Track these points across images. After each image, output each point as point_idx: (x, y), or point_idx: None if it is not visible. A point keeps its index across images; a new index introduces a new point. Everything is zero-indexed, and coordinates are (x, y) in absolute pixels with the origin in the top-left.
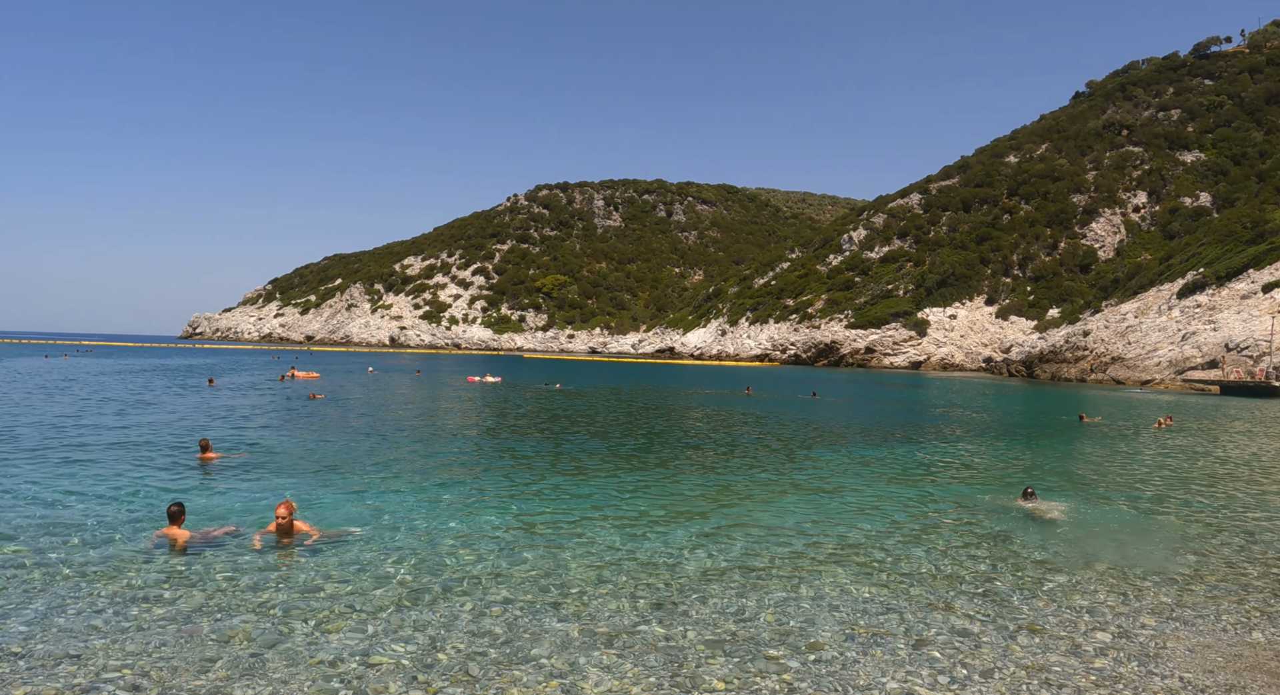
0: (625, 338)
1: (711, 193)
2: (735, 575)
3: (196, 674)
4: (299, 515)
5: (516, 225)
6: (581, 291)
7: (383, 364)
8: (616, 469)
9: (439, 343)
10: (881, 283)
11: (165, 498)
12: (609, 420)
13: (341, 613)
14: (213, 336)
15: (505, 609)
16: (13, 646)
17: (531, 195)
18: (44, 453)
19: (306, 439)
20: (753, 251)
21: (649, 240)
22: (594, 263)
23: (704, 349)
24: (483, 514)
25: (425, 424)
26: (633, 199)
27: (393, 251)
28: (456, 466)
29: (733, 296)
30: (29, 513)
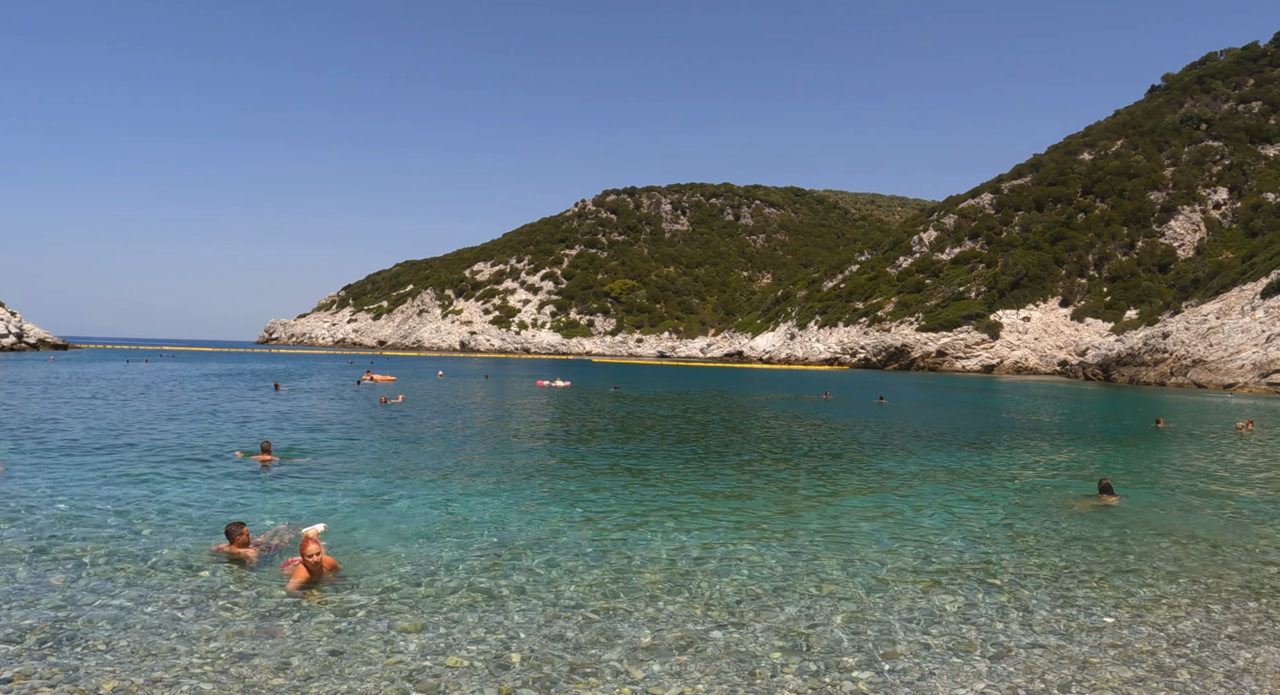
0: (693, 342)
1: (779, 195)
2: (807, 581)
3: (275, 672)
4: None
5: (584, 230)
6: (650, 296)
7: (452, 368)
8: (686, 474)
9: (508, 347)
10: (953, 285)
11: (232, 499)
12: (678, 425)
13: (416, 614)
14: (288, 341)
15: (576, 613)
16: (98, 642)
17: (599, 200)
18: (121, 453)
19: (376, 442)
20: (821, 254)
21: (716, 244)
22: (662, 267)
23: (772, 353)
24: (552, 517)
25: (496, 428)
26: (700, 203)
27: (463, 257)
28: (526, 470)
29: (801, 300)
30: (110, 513)
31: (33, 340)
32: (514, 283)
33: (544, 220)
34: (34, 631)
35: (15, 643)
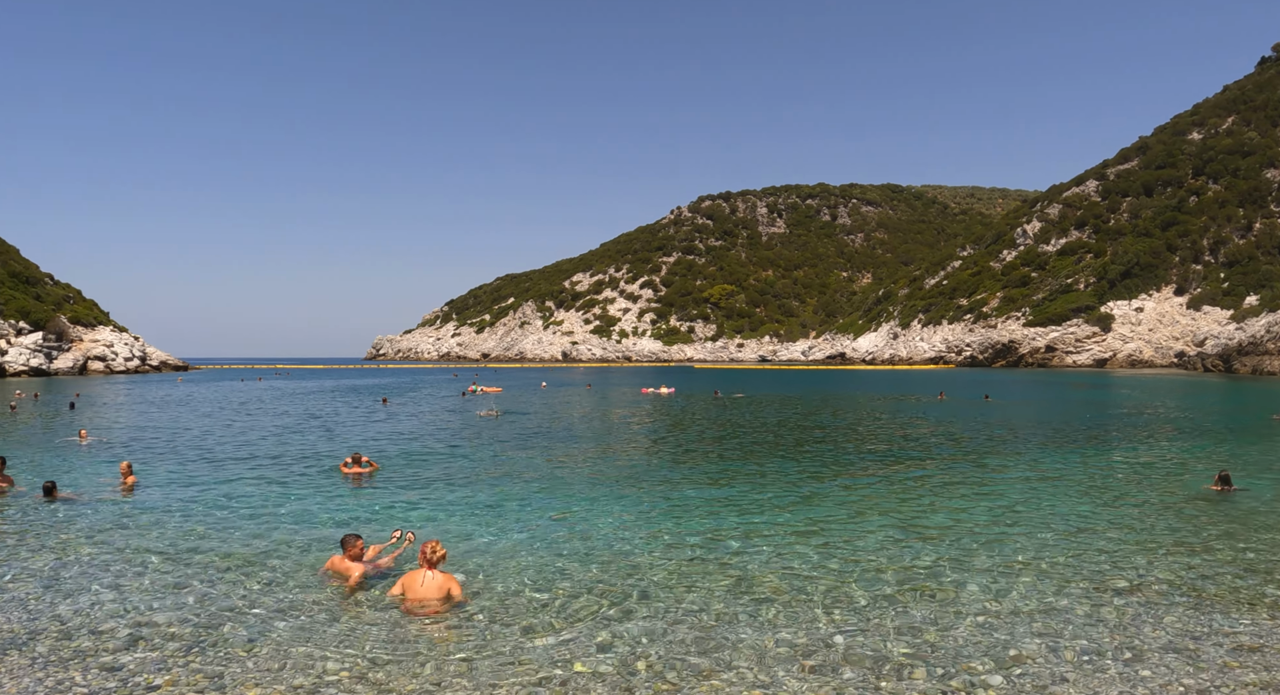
0: (795, 345)
1: (876, 193)
2: (930, 584)
3: (409, 678)
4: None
5: (681, 237)
6: (749, 300)
7: (555, 379)
8: (798, 477)
9: (610, 356)
10: (1060, 277)
11: (343, 509)
12: (785, 428)
13: (542, 620)
14: (395, 357)
15: (700, 618)
16: (239, 649)
17: (694, 206)
18: (248, 466)
19: (485, 452)
20: (922, 251)
21: (814, 245)
22: (760, 271)
23: (875, 353)
24: (668, 523)
25: (603, 436)
26: (796, 204)
27: (561, 269)
28: (635, 477)
29: (903, 298)
30: (242, 523)
31: (155, 363)
32: (613, 292)
33: (641, 228)
34: (177, 639)
35: (159, 650)
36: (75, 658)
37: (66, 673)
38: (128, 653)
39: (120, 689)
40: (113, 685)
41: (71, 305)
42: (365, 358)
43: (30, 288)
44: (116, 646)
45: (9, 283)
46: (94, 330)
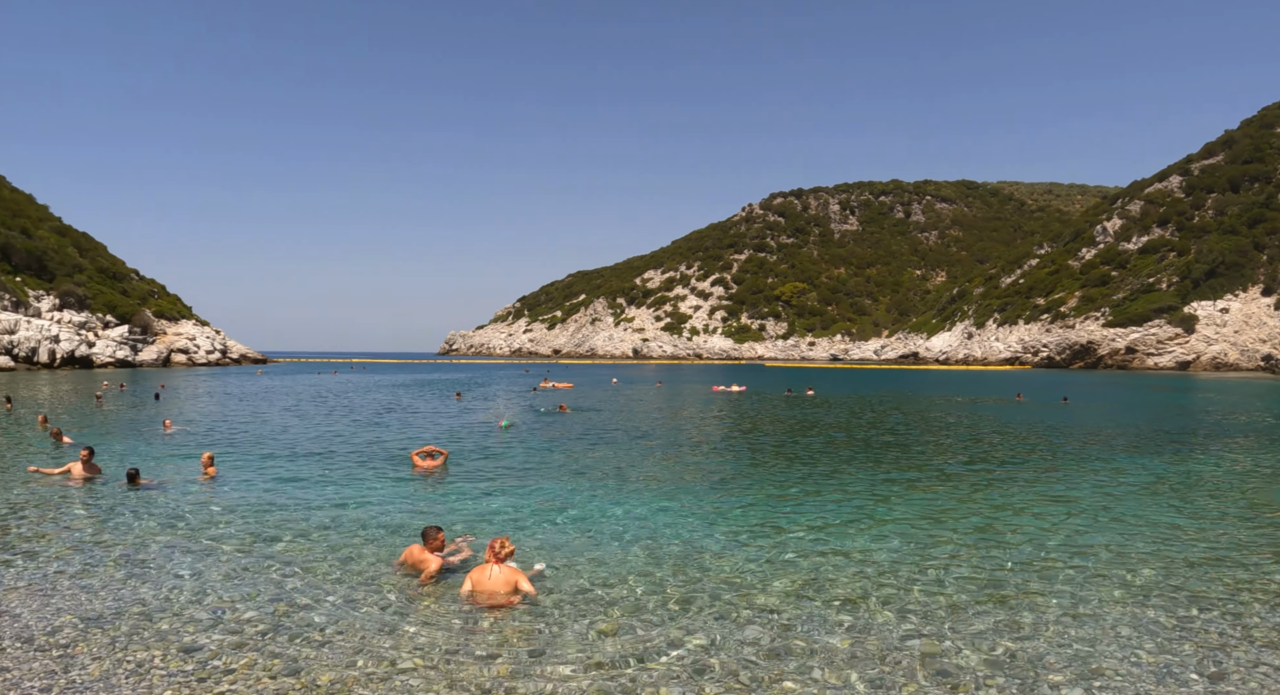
0: (867, 344)
1: (950, 190)
2: (1007, 591)
3: (480, 670)
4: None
5: (753, 234)
6: (821, 298)
7: (626, 376)
8: (871, 478)
9: (680, 353)
10: (1141, 276)
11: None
12: (857, 428)
13: (612, 617)
14: (467, 352)
15: (771, 619)
16: (315, 636)
17: (766, 203)
18: (325, 458)
19: (556, 448)
20: (998, 249)
21: (887, 243)
22: (832, 268)
23: (949, 353)
24: (740, 522)
25: (673, 433)
26: (869, 201)
27: (633, 266)
28: (706, 475)
29: (978, 297)
30: (318, 513)
31: (235, 356)
32: (684, 289)
33: (712, 226)
34: (254, 624)
35: (238, 633)
36: (155, 639)
37: (146, 653)
38: (206, 635)
39: (198, 671)
40: (190, 667)
41: (156, 300)
42: (438, 353)
43: (117, 283)
44: (195, 629)
45: (98, 278)
46: (177, 324)
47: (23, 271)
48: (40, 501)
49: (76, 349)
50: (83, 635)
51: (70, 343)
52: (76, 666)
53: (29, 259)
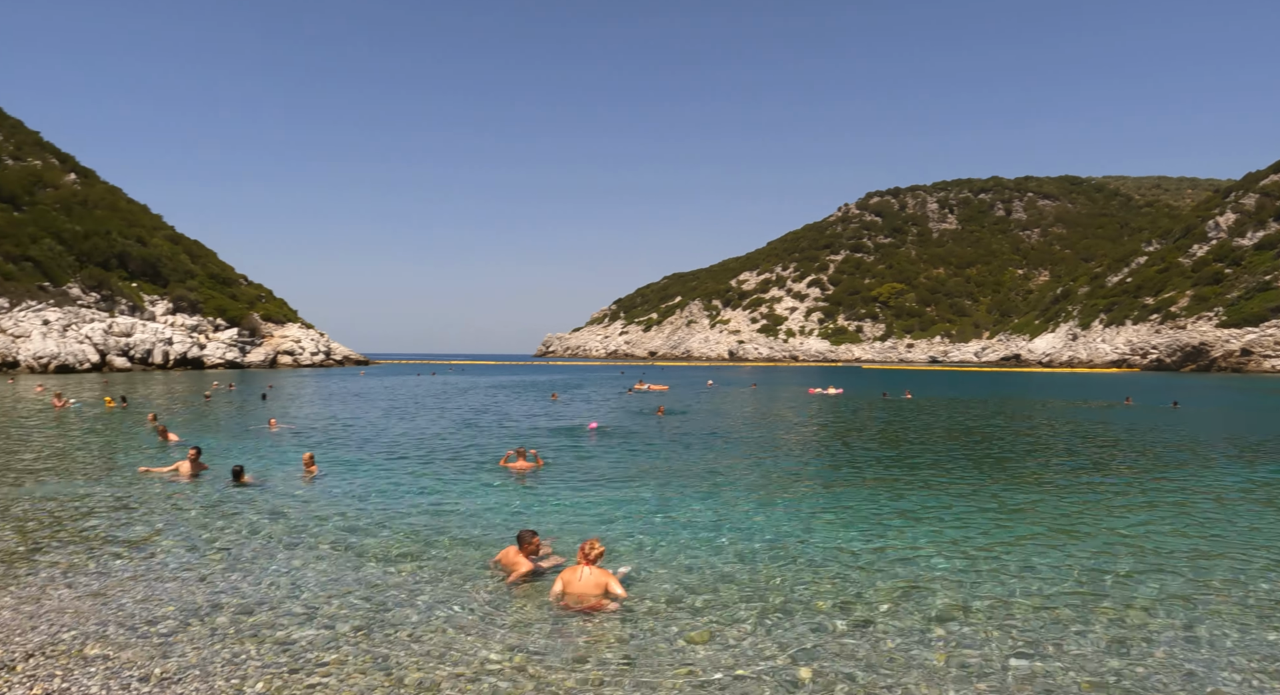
0: (967, 346)
1: (1053, 186)
2: (1115, 608)
3: (569, 674)
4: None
5: (849, 235)
6: (919, 299)
7: (722, 377)
8: (972, 485)
9: (776, 355)
10: (1257, 273)
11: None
12: (957, 433)
13: (705, 624)
14: (563, 354)
15: (867, 630)
16: (405, 634)
17: (862, 203)
18: (422, 457)
19: (651, 450)
20: (1103, 246)
21: (988, 241)
22: (931, 269)
23: (1053, 356)
24: (834, 530)
25: (769, 436)
26: (968, 199)
27: (728, 267)
28: (801, 479)
29: (1083, 297)
30: (414, 513)
31: (338, 357)
32: (780, 290)
33: (808, 226)
34: (346, 620)
35: (330, 628)
36: (251, 631)
37: (243, 645)
38: (300, 630)
39: (291, 663)
40: (284, 660)
41: (263, 304)
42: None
43: (227, 288)
44: (290, 623)
45: (209, 283)
46: (283, 327)
47: (139, 278)
48: (148, 496)
49: (188, 351)
50: (182, 625)
51: (183, 345)
52: (175, 655)
53: (144, 266)
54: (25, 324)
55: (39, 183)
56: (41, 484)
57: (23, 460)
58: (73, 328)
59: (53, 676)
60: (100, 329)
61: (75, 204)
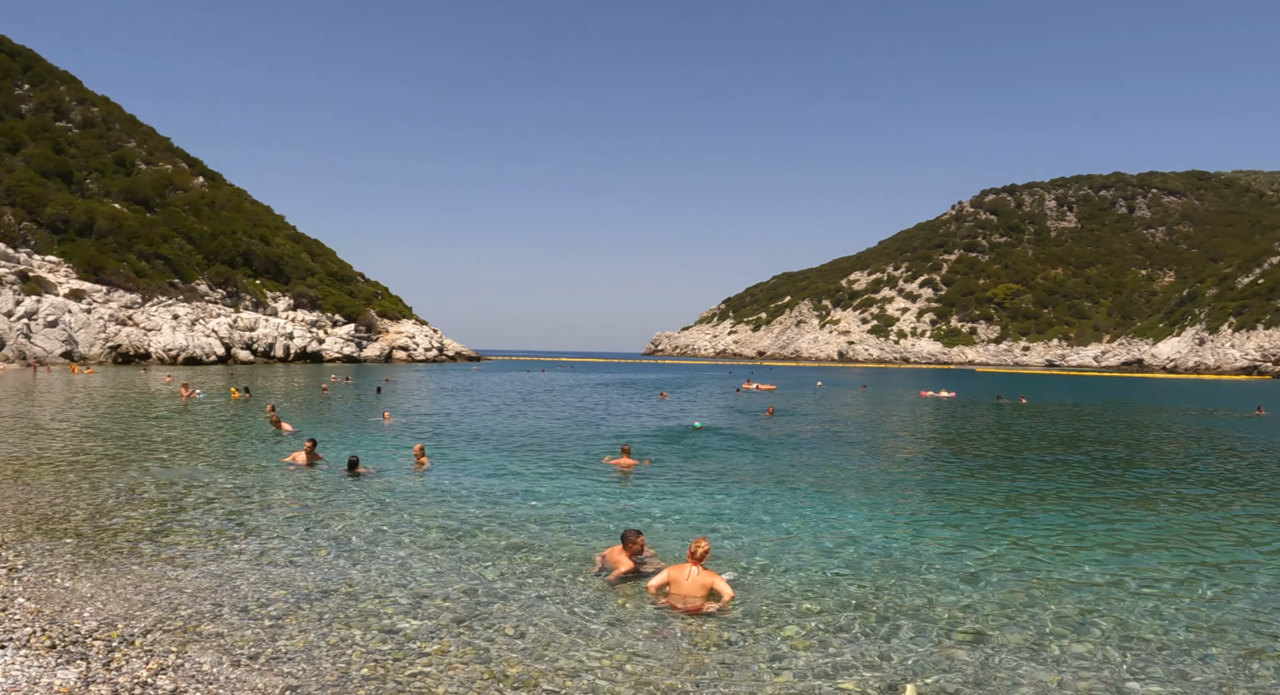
0: (1086, 349)
1: (1179, 181)
2: (1240, 632)
3: (668, 675)
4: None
5: (963, 234)
6: (1036, 300)
7: (831, 378)
8: (1090, 496)
9: (887, 357)
10: None
11: (625, 502)
12: (1076, 441)
13: (806, 629)
14: (672, 353)
15: (975, 644)
16: (507, 628)
17: (977, 201)
18: (530, 453)
19: (758, 450)
20: (1233, 246)
21: (1108, 240)
22: (1048, 269)
23: (1177, 361)
24: (945, 538)
25: (878, 439)
26: (1088, 196)
27: (839, 267)
28: (910, 484)
29: (1211, 299)
30: (520, 507)
31: (451, 353)
32: (891, 291)
33: (920, 225)
34: (451, 611)
35: (434, 619)
36: (358, 618)
37: (349, 630)
38: (404, 619)
39: (394, 651)
40: (388, 647)
41: (379, 301)
42: (643, 353)
43: (345, 285)
44: (395, 612)
45: (327, 281)
46: (398, 323)
47: (262, 275)
48: (265, 484)
49: (308, 345)
50: (292, 609)
51: (302, 339)
52: (284, 637)
53: (267, 264)
54: (156, 318)
55: (170, 186)
56: (167, 469)
57: (151, 446)
58: (200, 322)
59: (168, 652)
60: (226, 323)
61: (203, 206)
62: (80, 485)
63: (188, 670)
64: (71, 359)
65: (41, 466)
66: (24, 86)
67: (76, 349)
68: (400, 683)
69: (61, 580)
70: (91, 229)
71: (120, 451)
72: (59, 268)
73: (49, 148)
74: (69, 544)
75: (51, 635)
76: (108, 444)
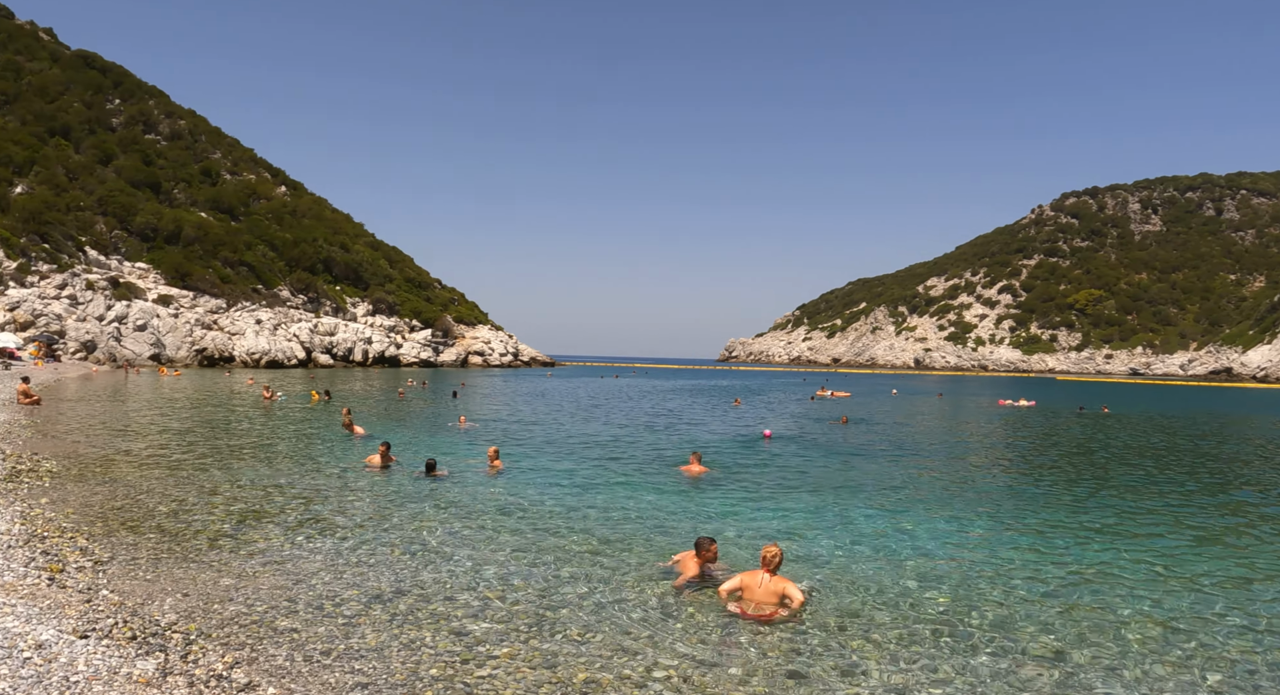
0: (1172, 357)
1: (1269, 182)
2: None
3: (736, 685)
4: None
5: (1043, 238)
6: (1119, 307)
7: (906, 386)
8: (1176, 513)
9: (964, 364)
10: None
11: (697, 509)
12: (1162, 453)
13: (877, 644)
14: (746, 359)
15: (1055, 663)
16: (575, 633)
17: (1057, 204)
18: (602, 458)
19: (832, 458)
20: None
21: (1195, 244)
22: (1132, 274)
23: (1269, 370)
24: (1022, 552)
25: (954, 449)
26: (1173, 198)
27: (915, 273)
28: (988, 496)
29: None
30: (591, 512)
31: (526, 358)
32: (969, 297)
33: (998, 230)
34: (519, 615)
35: (504, 622)
36: (429, 619)
37: (419, 632)
38: (474, 621)
39: (464, 653)
40: (458, 649)
41: (455, 307)
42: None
43: (422, 291)
44: (465, 614)
45: (405, 287)
46: (474, 328)
47: (342, 281)
48: (342, 486)
49: (386, 350)
50: (365, 609)
51: (381, 344)
52: (356, 636)
53: (347, 271)
54: (240, 323)
55: (253, 195)
56: (247, 469)
57: (233, 446)
58: (282, 327)
59: (244, 645)
60: (307, 328)
61: (285, 214)
62: (164, 483)
63: (262, 664)
64: (159, 362)
65: (129, 464)
66: (115, 101)
67: (164, 352)
68: (469, 685)
69: (144, 574)
70: (179, 237)
71: (204, 451)
72: (148, 274)
73: (139, 159)
74: (151, 539)
75: (133, 627)
76: (192, 444)
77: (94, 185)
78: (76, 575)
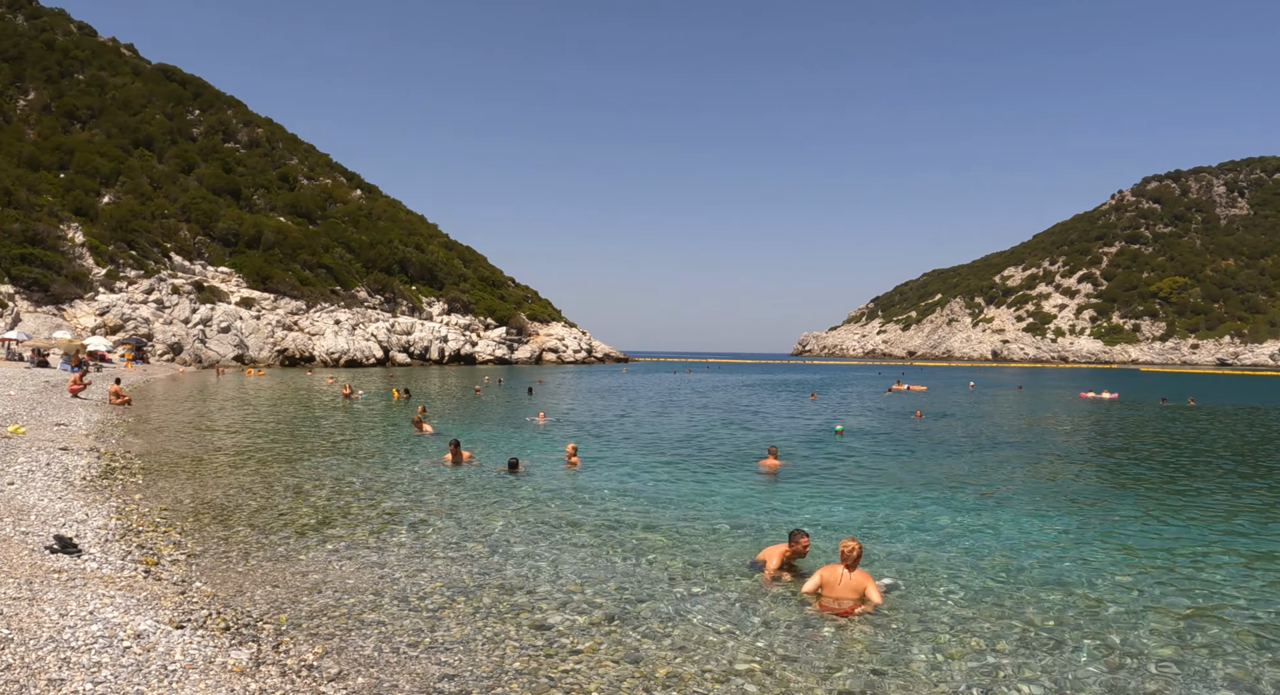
0: (1262, 347)
1: None
2: None
3: (818, 681)
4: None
5: (1124, 224)
6: (1205, 294)
7: (984, 379)
8: (1270, 510)
9: (1043, 356)
10: None
11: (776, 502)
12: (1253, 448)
13: (963, 640)
14: (819, 353)
15: (1143, 663)
16: (656, 627)
17: (1139, 190)
18: (679, 453)
19: (911, 453)
20: None
21: None
22: (1218, 260)
23: None
24: (1107, 548)
25: (1036, 443)
26: (1261, 181)
27: (991, 263)
28: (1071, 493)
29: None
30: (670, 507)
31: (599, 355)
32: (1048, 286)
33: (1077, 217)
34: (600, 609)
35: (586, 616)
36: (511, 613)
37: (502, 625)
38: (556, 615)
39: (546, 647)
40: (540, 643)
41: (529, 304)
42: (791, 353)
43: (496, 289)
44: (548, 608)
45: (480, 286)
46: (548, 326)
47: (417, 281)
48: (423, 482)
49: (461, 348)
50: (449, 602)
51: (456, 342)
52: (441, 628)
53: (422, 271)
54: (319, 323)
55: (330, 199)
56: (331, 466)
57: (316, 444)
58: (360, 327)
59: (332, 636)
60: (384, 328)
61: (361, 217)
62: (252, 479)
63: (350, 654)
64: (243, 362)
65: (217, 461)
66: (195, 112)
67: (247, 353)
68: (552, 678)
69: (234, 567)
70: (259, 241)
71: (288, 448)
72: (230, 278)
73: (219, 167)
74: (241, 533)
75: (226, 618)
76: (277, 441)
77: (177, 193)
78: (171, 568)
